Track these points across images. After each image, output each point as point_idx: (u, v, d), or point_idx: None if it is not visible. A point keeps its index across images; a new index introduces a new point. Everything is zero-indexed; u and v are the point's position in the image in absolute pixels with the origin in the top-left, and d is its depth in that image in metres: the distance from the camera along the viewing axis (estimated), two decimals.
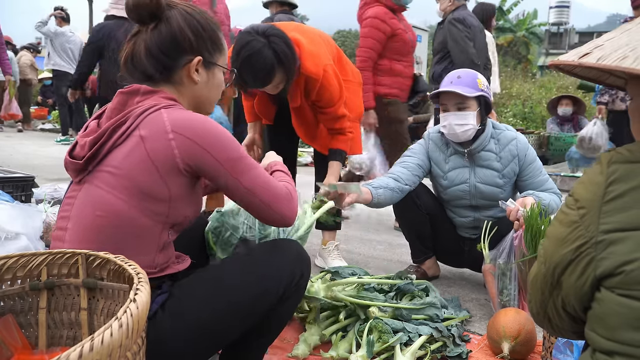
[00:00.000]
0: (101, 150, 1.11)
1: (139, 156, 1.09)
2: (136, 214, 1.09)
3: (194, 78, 1.23)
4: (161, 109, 1.13)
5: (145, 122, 1.11)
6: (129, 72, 1.23)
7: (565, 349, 1.44)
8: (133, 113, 1.12)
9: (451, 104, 2.16)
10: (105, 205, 1.09)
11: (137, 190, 1.09)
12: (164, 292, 1.12)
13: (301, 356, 1.67)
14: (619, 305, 0.74)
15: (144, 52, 1.19)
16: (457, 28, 3.85)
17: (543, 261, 0.87)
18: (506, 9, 20.77)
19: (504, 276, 1.93)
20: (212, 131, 1.14)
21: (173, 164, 1.10)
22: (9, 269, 1.04)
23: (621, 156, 0.78)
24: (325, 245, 2.67)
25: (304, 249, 1.32)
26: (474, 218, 2.30)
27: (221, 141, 1.14)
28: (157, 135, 1.09)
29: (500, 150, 2.19)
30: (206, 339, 1.13)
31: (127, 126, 1.11)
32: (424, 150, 2.33)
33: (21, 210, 2.27)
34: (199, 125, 1.12)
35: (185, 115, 1.13)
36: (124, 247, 1.08)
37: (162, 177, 1.10)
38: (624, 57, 0.74)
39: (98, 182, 1.10)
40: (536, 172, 2.18)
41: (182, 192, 1.14)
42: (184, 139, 1.10)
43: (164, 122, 1.10)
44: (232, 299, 1.14)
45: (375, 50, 3.50)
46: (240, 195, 1.18)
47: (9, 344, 1.01)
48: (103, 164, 1.11)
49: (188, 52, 1.21)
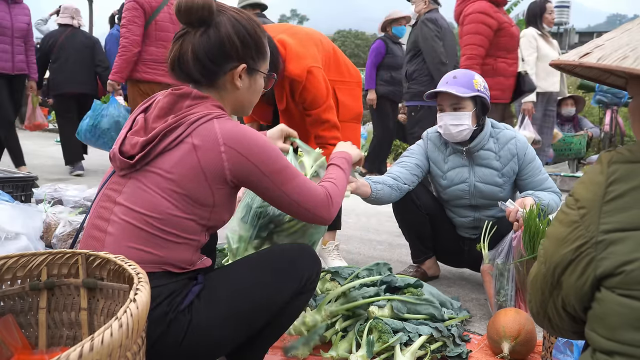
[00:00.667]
0: (152, 151, 1.15)
1: (190, 163, 1.14)
2: (183, 216, 1.15)
3: (237, 84, 1.26)
4: (213, 119, 1.17)
5: (198, 130, 1.15)
6: (175, 73, 1.26)
7: (565, 349, 1.44)
8: (186, 120, 1.16)
9: (447, 104, 2.16)
10: (154, 205, 1.13)
11: (185, 195, 1.14)
12: (199, 282, 1.19)
13: (301, 356, 1.67)
14: (619, 305, 0.74)
15: (191, 56, 1.21)
16: (428, 27, 4.16)
17: (543, 261, 0.87)
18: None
19: (502, 277, 1.93)
20: (259, 144, 1.19)
21: (221, 175, 1.16)
22: (9, 269, 1.04)
23: (622, 156, 0.78)
24: (325, 245, 2.67)
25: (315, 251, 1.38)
26: (474, 218, 2.30)
27: (267, 153, 1.20)
28: (209, 146, 1.14)
29: (499, 149, 2.19)
30: (237, 326, 1.20)
31: (179, 132, 1.15)
32: (422, 151, 2.33)
33: (21, 210, 2.27)
34: (248, 139, 1.18)
35: (235, 128, 1.18)
36: (167, 247, 1.13)
37: (210, 185, 1.16)
38: (624, 57, 0.74)
39: (147, 182, 1.14)
40: (535, 171, 2.18)
41: (225, 200, 1.21)
42: (234, 152, 1.16)
43: (217, 134, 1.15)
44: (261, 289, 1.22)
45: (483, 47, 3.40)
46: (282, 203, 1.26)
47: (9, 344, 1.01)
48: (152, 165, 1.15)
49: (234, 59, 1.24)
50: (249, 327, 1.22)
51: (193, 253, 1.19)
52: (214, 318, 1.15)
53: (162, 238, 1.13)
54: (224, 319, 1.16)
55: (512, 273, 1.91)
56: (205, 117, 1.17)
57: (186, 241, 1.17)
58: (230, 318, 1.17)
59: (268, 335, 1.31)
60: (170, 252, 1.14)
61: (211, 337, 1.15)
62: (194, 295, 1.16)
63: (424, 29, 4.18)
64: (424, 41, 4.17)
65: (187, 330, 1.12)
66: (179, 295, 1.14)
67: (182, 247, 1.16)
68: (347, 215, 3.94)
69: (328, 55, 2.42)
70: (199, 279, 1.20)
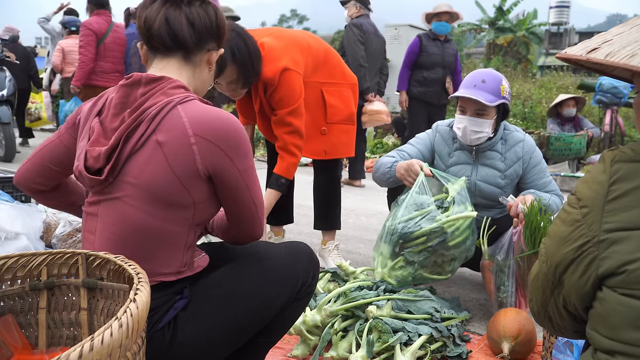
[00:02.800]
0: (119, 159, 1.05)
1: (157, 164, 1.03)
2: (160, 223, 1.06)
3: (212, 66, 1.22)
4: (177, 105, 1.06)
5: (162, 124, 1.04)
6: (152, 36, 1.12)
7: (565, 349, 1.44)
8: (146, 116, 1.04)
9: (470, 108, 2.10)
10: (129, 218, 1.05)
11: (159, 200, 1.05)
12: (184, 297, 1.13)
13: (301, 356, 1.67)
14: (621, 304, 0.74)
15: (185, 20, 1.12)
16: (352, 32, 4.58)
17: (544, 260, 0.87)
18: (506, 9, 20.74)
19: (502, 272, 1.93)
20: (237, 135, 1.09)
21: (193, 170, 1.05)
22: (9, 269, 1.03)
23: (624, 155, 0.78)
24: (325, 245, 2.67)
25: (313, 251, 1.32)
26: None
27: (243, 147, 1.10)
28: (177, 140, 1.03)
29: (506, 151, 2.18)
30: (229, 337, 1.15)
31: (142, 130, 1.04)
32: (429, 142, 2.31)
33: (21, 210, 2.28)
34: (222, 125, 1.07)
35: (206, 113, 1.07)
36: (152, 255, 1.08)
37: (183, 185, 1.05)
38: (632, 55, 0.73)
39: (119, 194, 1.06)
40: (540, 174, 2.17)
41: (206, 195, 1.10)
42: (207, 142, 1.05)
43: (184, 124, 1.04)
44: (252, 299, 1.15)
45: None
46: (243, 207, 1.16)
47: (9, 344, 1.00)
48: (122, 174, 1.05)
49: (220, 43, 1.22)
50: (240, 338, 1.17)
51: (184, 254, 1.12)
52: (202, 331, 1.09)
53: (145, 250, 1.07)
54: (214, 332, 1.11)
55: (512, 269, 1.90)
56: (168, 106, 1.05)
57: (172, 247, 1.09)
58: (221, 330, 1.12)
59: (265, 341, 1.27)
60: (158, 262, 1.07)
61: (201, 350, 1.10)
62: (176, 311, 1.10)
63: (349, 33, 4.60)
64: (348, 44, 4.58)
65: (169, 346, 1.07)
66: (156, 313, 1.07)
67: (169, 254, 1.09)
68: (347, 215, 3.94)
69: (317, 58, 2.40)
70: (185, 293, 1.13)
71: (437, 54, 5.11)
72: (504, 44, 20.83)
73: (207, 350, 1.12)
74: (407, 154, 2.26)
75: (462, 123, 2.13)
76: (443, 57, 5.11)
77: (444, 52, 5.13)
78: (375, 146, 7.65)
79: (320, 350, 1.63)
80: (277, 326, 1.25)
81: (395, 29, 9.98)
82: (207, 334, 1.11)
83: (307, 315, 1.70)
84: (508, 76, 14.00)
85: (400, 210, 1.97)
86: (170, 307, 1.10)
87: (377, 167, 2.23)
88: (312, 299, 1.95)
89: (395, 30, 9.97)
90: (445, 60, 5.12)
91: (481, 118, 2.09)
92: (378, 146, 7.62)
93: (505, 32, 21.16)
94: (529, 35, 20.98)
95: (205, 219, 1.16)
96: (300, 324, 1.68)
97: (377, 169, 2.23)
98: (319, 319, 1.70)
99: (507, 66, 16.56)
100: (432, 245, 1.92)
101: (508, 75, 14.12)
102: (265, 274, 1.18)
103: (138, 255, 1.05)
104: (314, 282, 1.27)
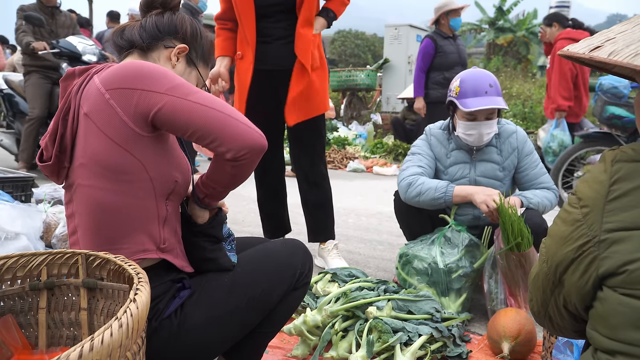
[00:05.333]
0: (64, 143, 1.08)
1: (93, 136, 1.04)
2: (121, 198, 1.05)
3: (173, 60, 1.22)
4: (93, 75, 1.08)
5: (84, 97, 1.06)
6: (115, 42, 1.22)
7: (565, 349, 1.44)
8: (71, 94, 1.08)
9: (482, 114, 2.10)
10: (91, 201, 1.06)
11: (109, 173, 1.04)
12: (187, 287, 1.16)
13: (301, 356, 1.67)
14: (622, 304, 0.74)
15: (138, 27, 1.21)
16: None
17: (545, 259, 0.87)
18: (506, 9, 20.75)
19: (491, 279, 1.97)
20: (143, 69, 1.05)
21: (123, 126, 1.02)
22: (9, 269, 1.04)
23: (625, 155, 0.78)
24: (324, 245, 2.66)
25: (306, 246, 1.36)
26: (473, 216, 2.29)
27: (156, 73, 1.05)
28: (96, 104, 1.04)
29: (501, 144, 2.21)
30: (233, 327, 1.17)
31: (73, 109, 1.07)
32: (428, 147, 2.32)
33: (21, 210, 2.28)
34: (128, 70, 1.05)
35: (115, 68, 1.06)
36: (128, 234, 1.08)
37: (122, 148, 1.03)
38: (636, 54, 0.72)
39: (78, 179, 1.08)
40: (532, 164, 2.21)
41: (153, 154, 1.07)
42: (118, 91, 1.03)
43: (97, 87, 1.04)
44: (255, 289, 1.19)
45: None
46: (198, 115, 1.02)
47: (9, 344, 1.01)
48: (75, 157, 1.08)
49: (179, 39, 1.24)
50: (244, 327, 1.21)
51: (160, 229, 1.11)
52: (207, 321, 1.13)
53: (120, 229, 1.07)
54: (218, 322, 1.14)
55: (500, 277, 1.94)
56: (85, 81, 1.08)
57: (146, 222, 1.09)
58: (225, 320, 1.15)
59: (265, 332, 1.30)
60: (135, 240, 1.07)
61: (205, 340, 1.13)
62: (182, 299, 1.13)
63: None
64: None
65: (176, 335, 1.10)
66: (161, 301, 1.10)
67: (144, 229, 1.09)
68: (347, 215, 3.95)
69: None
70: (185, 284, 1.16)
71: (454, 52, 4.93)
72: (504, 44, 20.84)
73: (214, 338, 1.15)
74: (426, 165, 2.24)
75: (475, 129, 2.12)
76: (459, 55, 4.97)
77: (459, 49, 4.98)
78: (375, 146, 7.64)
79: (321, 350, 1.63)
80: (276, 317, 1.28)
81: (395, 29, 9.98)
82: (214, 321, 1.14)
83: (307, 316, 1.70)
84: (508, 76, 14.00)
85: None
86: (173, 296, 1.13)
87: (422, 188, 2.10)
88: (312, 300, 1.95)
89: (395, 30, 9.97)
90: (461, 57, 4.97)
91: (491, 120, 2.12)
92: (378, 146, 7.61)
93: (505, 32, 21.16)
94: (529, 35, 20.96)
95: (171, 187, 1.12)
96: (300, 324, 1.68)
97: (422, 190, 2.10)
98: (319, 319, 1.70)
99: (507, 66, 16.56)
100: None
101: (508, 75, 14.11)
102: (266, 263, 1.24)
103: (117, 236, 1.07)
104: (310, 274, 1.33)
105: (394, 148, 7.35)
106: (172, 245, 1.15)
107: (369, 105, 11.16)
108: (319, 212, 2.62)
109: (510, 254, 1.86)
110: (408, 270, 2.07)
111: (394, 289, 1.93)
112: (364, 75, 10.19)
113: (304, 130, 2.48)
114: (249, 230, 3.38)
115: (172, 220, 1.16)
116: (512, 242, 1.83)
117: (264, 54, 2.43)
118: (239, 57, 2.48)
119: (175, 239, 1.18)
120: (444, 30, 4.97)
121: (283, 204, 2.76)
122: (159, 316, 1.09)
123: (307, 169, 2.56)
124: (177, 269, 1.16)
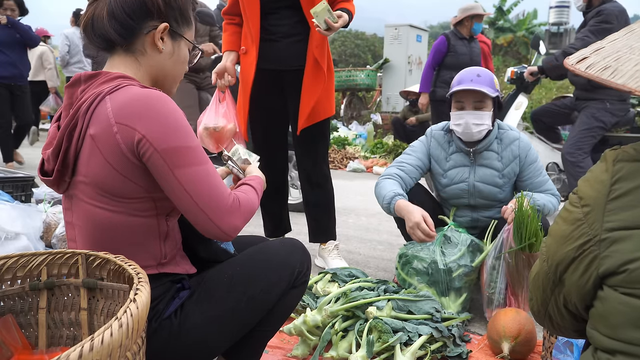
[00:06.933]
0: (67, 158, 1.05)
1: (96, 159, 1.02)
2: (125, 218, 1.05)
3: (159, 46, 1.13)
4: (106, 96, 1.03)
5: (93, 118, 1.02)
6: (89, 39, 1.13)
7: (565, 349, 1.44)
8: (80, 111, 1.04)
9: (469, 102, 2.12)
10: (94, 218, 1.06)
11: (111, 195, 1.04)
12: (186, 288, 1.16)
13: (301, 356, 1.67)
14: (622, 303, 0.74)
15: (106, 15, 1.09)
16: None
17: (545, 258, 0.87)
18: (506, 9, 20.74)
19: (493, 270, 1.95)
20: (155, 112, 1.00)
21: (125, 160, 1.01)
22: (9, 269, 1.03)
23: (627, 154, 0.78)
24: (324, 245, 2.66)
25: (304, 245, 1.36)
26: (472, 218, 2.29)
27: (165, 123, 1.01)
28: (104, 131, 1.01)
29: (502, 150, 2.19)
30: (232, 327, 1.18)
31: (79, 127, 1.03)
32: (424, 149, 2.31)
33: (21, 210, 2.28)
34: (142, 106, 1.00)
35: (129, 97, 1.02)
36: (128, 250, 1.08)
37: (123, 176, 1.02)
38: (605, 67, 0.72)
39: (79, 194, 1.07)
40: (536, 172, 2.18)
41: (155, 180, 1.04)
42: (126, 128, 1.00)
43: (108, 114, 1.01)
44: (254, 288, 1.19)
45: None
46: (175, 193, 1.03)
47: (9, 344, 1.00)
48: (77, 173, 1.06)
49: (155, 17, 1.12)
50: (244, 326, 1.21)
51: (161, 245, 1.11)
52: (207, 320, 1.13)
53: (120, 246, 1.07)
54: (218, 321, 1.14)
55: (502, 267, 1.93)
56: (97, 99, 1.03)
57: (146, 239, 1.09)
58: (225, 319, 1.15)
59: (264, 331, 1.30)
60: (135, 256, 1.06)
61: (205, 340, 1.13)
62: (182, 300, 1.13)
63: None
64: None
65: (176, 335, 1.10)
66: (161, 302, 1.11)
67: (145, 246, 1.09)
68: (347, 215, 3.95)
69: None
70: (185, 284, 1.16)
71: (465, 53, 4.94)
72: (504, 44, 20.83)
73: (214, 337, 1.15)
74: (407, 164, 2.26)
75: (462, 118, 2.13)
76: (471, 57, 4.95)
77: (472, 51, 4.98)
78: (375, 146, 7.64)
79: (320, 350, 1.63)
80: (275, 315, 1.28)
81: (395, 29, 9.99)
82: (214, 320, 1.14)
83: (307, 316, 1.70)
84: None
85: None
86: (172, 297, 1.13)
87: (377, 193, 2.17)
88: (312, 300, 1.95)
89: (395, 30, 9.98)
90: (473, 60, 4.94)
91: (481, 111, 2.11)
92: (378, 146, 7.61)
93: (505, 32, 21.15)
94: (529, 36, 20.95)
95: (171, 205, 1.10)
96: (300, 324, 1.68)
97: (377, 194, 2.17)
98: (319, 319, 1.70)
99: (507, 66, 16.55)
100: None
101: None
102: (265, 262, 1.24)
103: (113, 249, 1.06)
104: (308, 272, 1.33)
105: (394, 148, 7.35)
106: (172, 256, 1.16)
107: (369, 105, 11.16)
108: (321, 213, 2.61)
109: (520, 253, 1.85)
110: (408, 270, 2.07)
111: (394, 289, 1.93)
112: (364, 75, 10.18)
113: (309, 132, 2.46)
114: (249, 230, 3.38)
115: (173, 232, 1.16)
116: (526, 241, 1.82)
117: (268, 52, 2.40)
118: (242, 52, 2.46)
119: (176, 249, 1.18)
120: (463, 31, 4.98)
121: (284, 204, 2.76)
122: (159, 317, 1.10)
123: (309, 169, 2.55)
124: None
